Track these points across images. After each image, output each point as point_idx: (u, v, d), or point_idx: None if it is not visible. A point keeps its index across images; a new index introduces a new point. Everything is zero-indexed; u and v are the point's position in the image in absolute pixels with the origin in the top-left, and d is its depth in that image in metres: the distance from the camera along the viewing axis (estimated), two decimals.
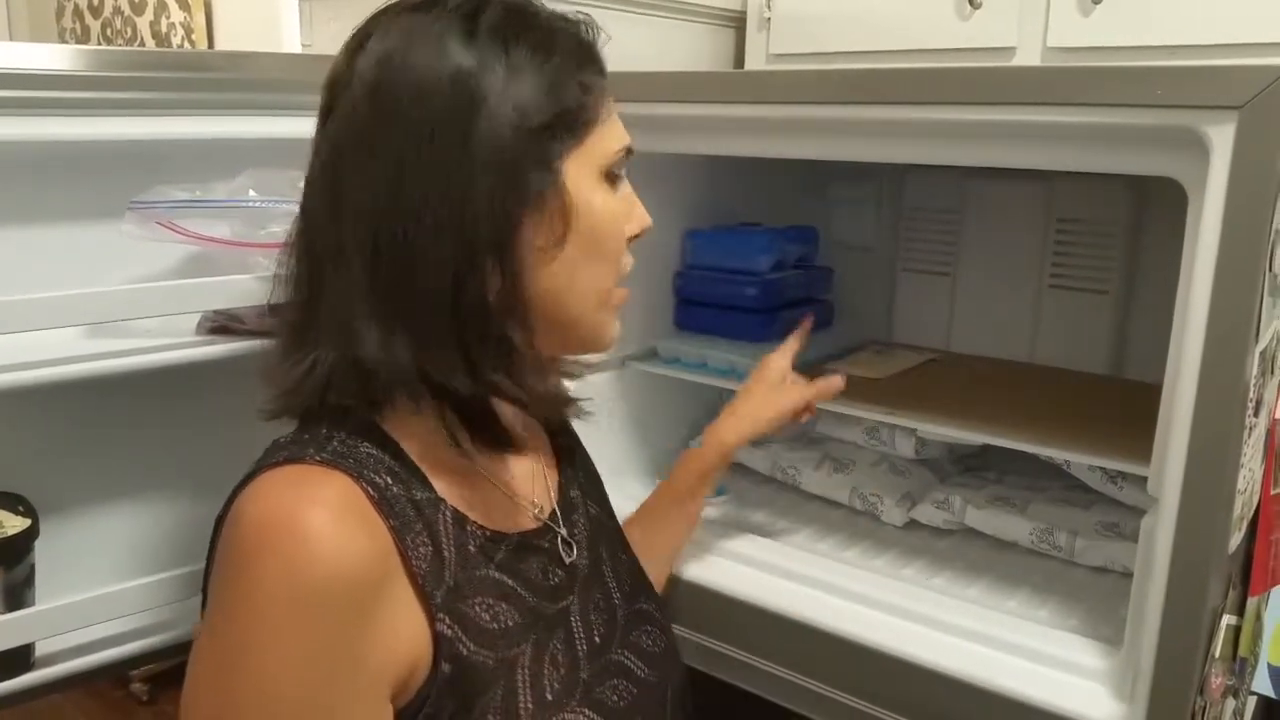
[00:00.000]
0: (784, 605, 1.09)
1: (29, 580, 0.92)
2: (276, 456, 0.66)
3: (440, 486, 0.70)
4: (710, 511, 1.31)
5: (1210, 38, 1.16)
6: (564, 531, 0.79)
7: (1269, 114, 0.75)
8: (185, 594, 0.98)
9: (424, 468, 0.69)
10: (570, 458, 0.88)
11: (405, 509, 0.65)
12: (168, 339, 0.96)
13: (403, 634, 0.63)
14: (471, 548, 0.69)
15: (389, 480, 0.66)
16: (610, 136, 0.73)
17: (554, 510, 0.80)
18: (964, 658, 0.98)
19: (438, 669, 0.64)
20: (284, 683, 0.58)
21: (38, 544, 0.92)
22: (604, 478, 0.97)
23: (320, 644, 0.59)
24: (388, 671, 0.62)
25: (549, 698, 0.69)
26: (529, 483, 0.80)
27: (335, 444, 0.66)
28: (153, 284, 0.94)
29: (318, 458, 0.65)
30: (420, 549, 0.65)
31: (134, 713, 2.47)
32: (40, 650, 0.94)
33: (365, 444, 0.67)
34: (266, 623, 0.58)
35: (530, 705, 0.68)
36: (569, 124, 0.70)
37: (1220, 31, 1.15)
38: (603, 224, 0.72)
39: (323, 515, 0.60)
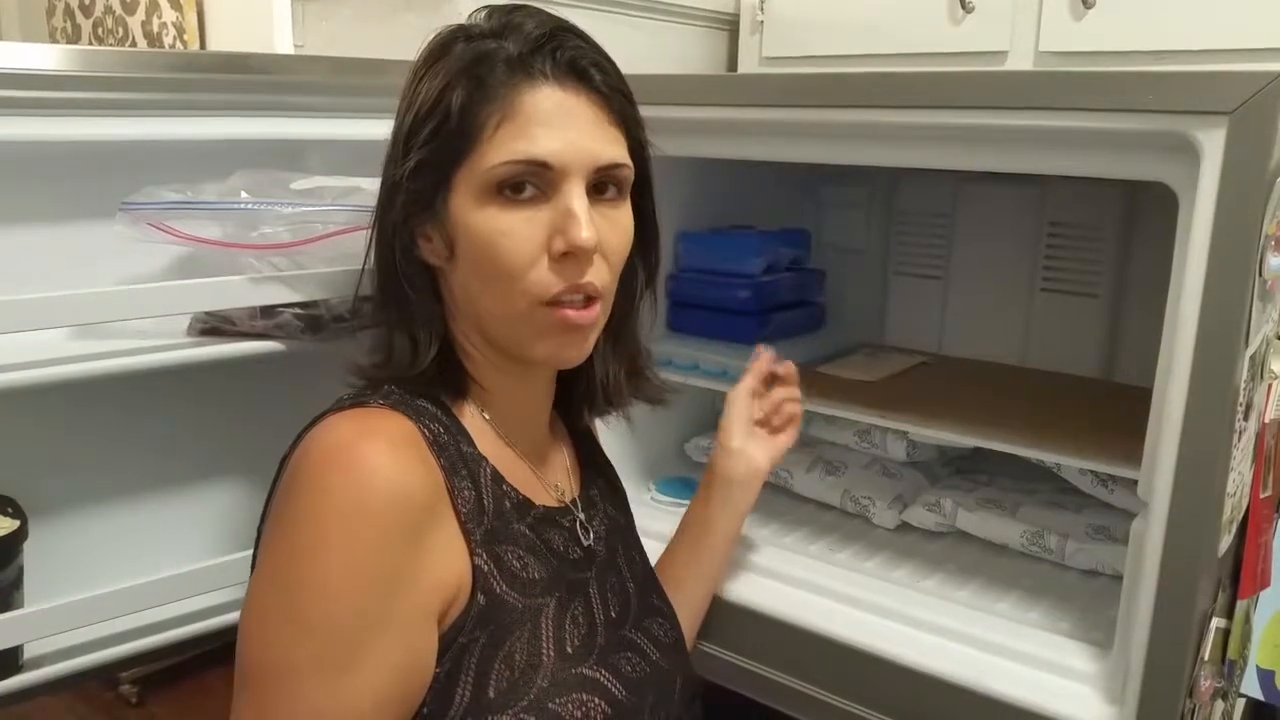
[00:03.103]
0: (775, 608, 1.09)
1: (18, 582, 0.91)
2: (342, 403, 0.74)
3: (483, 447, 0.76)
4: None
5: (1201, 43, 1.17)
6: (582, 516, 0.84)
7: (1259, 119, 0.75)
8: (175, 596, 0.97)
9: (471, 431, 0.76)
10: (591, 462, 0.92)
11: (454, 455, 0.73)
12: (158, 340, 0.96)
13: (448, 563, 0.69)
14: (507, 504, 0.76)
15: (441, 429, 0.73)
16: (492, 153, 0.70)
17: (575, 499, 0.85)
18: (955, 660, 0.98)
19: (474, 600, 0.70)
20: (343, 589, 0.64)
21: (27, 546, 0.92)
22: None
23: (378, 556, 0.65)
24: (435, 595, 0.68)
25: (569, 651, 0.74)
26: (555, 471, 0.85)
27: (395, 396, 0.74)
28: (143, 285, 0.94)
29: (380, 402, 0.73)
30: (464, 491, 0.72)
31: (123, 715, 2.46)
32: (29, 652, 0.93)
33: (421, 400, 0.75)
34: (330, 533, 0.64)
35: (552, 653, 0.72)
36: (443, 143, 0.72)
37: (1212, 37, 1.16)
38: (482, 244, 0.71)
39: (384, 444, 0.68)
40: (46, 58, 0.89)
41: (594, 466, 0.92)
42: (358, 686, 0.64)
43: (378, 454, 0.67)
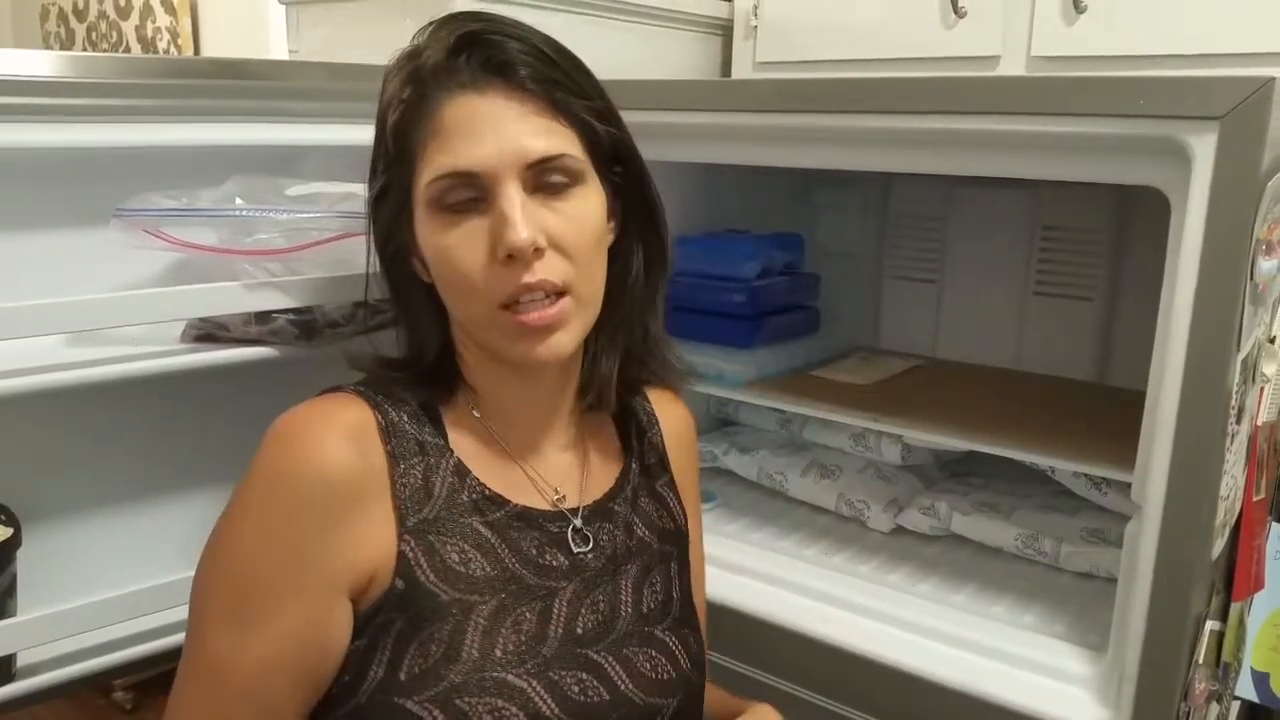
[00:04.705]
0: (769, 611, 1.09)
1: (11, 590, 0.91)
2: (328, 386, 0.78)
3: (454, 440, 0.78)
4: None
5: (1193, 48, 1.17)
6: (578, 523, 0.81)
7: (1250, 124, 0.76)
8: (168, 603, 0.97)
9: (447, 424, 0.78)
10: (639, 481, 0.88)
11: (408, 442, 0.75)
12: (152, 347, 0.95)
13: (370, 544, 0.71)
14: (464, 497, 0.76)
15: (404, 417, 0.76)
16: (425, 172, 0.72)
17: (577, 508, 0.82)
18: (950, 664, 0.98)
19: (393, 583, 0.71)
20: (252, 551, 0.70)
21: (20, 553, 0.92)
22: None
23: (286, 528, 0.69)
24: (347, 573, 0.71)
25: (497, 654, 0.73)
26: (559, 473, 0.83)
27: (373, 385, 0.77)
28: (137, 291, 0.94)
29: (353, 388, 0.76)
30: (409, 477, 0.74)
31: None
32: (22, 660, 0.93)
33: (406, 393, 0.77)
34: (251, 502, 0.71)
35: (475, 652, 0.72)
36: (391, 169, 0.75)
37: (1203, 41, 1.16)
38: (438, 260, 0.74)
39: (326, 428, 0.72)
40: (41, 64, 0.89)
41: (641, 481, 0.88)
42: (256, 643, 0.69)
43: (312, 435, 0.71)
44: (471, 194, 0.71)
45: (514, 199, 0.71)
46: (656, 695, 0.79)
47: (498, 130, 0.71)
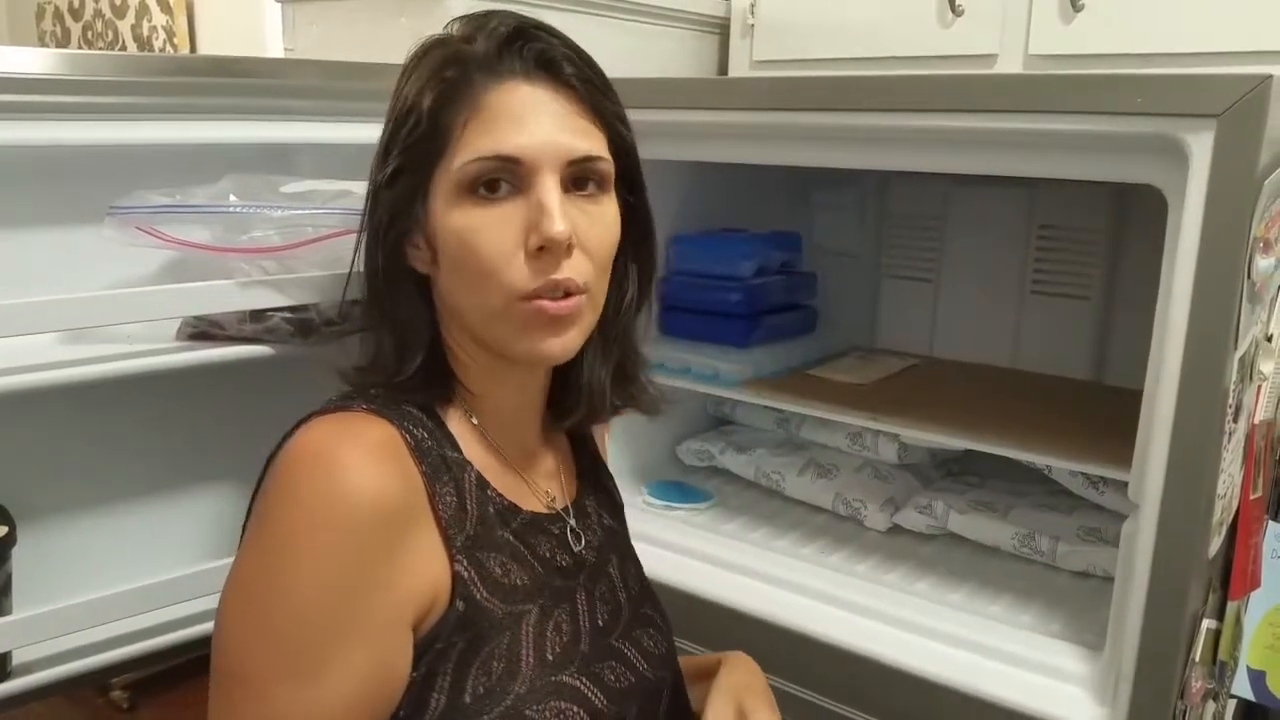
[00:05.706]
0: (767, 611, 1.09)
1: (6, 588, 0.91)
2: (327, 405, 0.73)
3: (468, 452, 0.76)
4: (694, 517, 1.32)
5: (1191, 46, 1.17)
6: (573, 523, 0.83)
7: (1247, 122, 0.76)
8: (165, 602, 0.97)
9: (456, 435, 0.76)
10: (590, 476, 0.91)
11: (436, 460, 0.72)
12: (147, 345, 0.95)
13: (425, 569, 0.69)
14: (491, 510, 0.75)
15: (425, 434, 0.73)
16: (461, 152, 0.70)
17: (567, 507, 0.84)
18: (947, 663, 0.98)
19: (453, 606, 0.69)
20: (310, 596, 0.64)
21: (15, 551, 0.91)
22: None
23: (344, 565, 0.65)
24: (409, 603, 0.68)
25: (549, 658, 0.73)
26: (547, 477, 0.84)
27: (381, 400, 0.74)
28: (130, 289, 0.93)
29: (364, 406, 0.72)
30: (446, 497, 0.72)
31: None
32: (18, 659, 0.93)
33: (407, 404, 0.75)
34: (297, 541, 0.65)
35: (531, 660, 0.72)
36: (417, 148, 0.72)
37: (1201, 40, 1.16)
38: (459, 243, 0.71)
39: (360, 451, 0.67)
40: (36, 62, 0.89)
41: (592, 476, 0.91)
42: (324, 693, 0.64)
43: (352, 460, 0.66)
44: (506, 179, 0.70)
45: (554, 190, 0.70)
46: (661, 669, 0.83)
47: (543, 122, 0.71)
